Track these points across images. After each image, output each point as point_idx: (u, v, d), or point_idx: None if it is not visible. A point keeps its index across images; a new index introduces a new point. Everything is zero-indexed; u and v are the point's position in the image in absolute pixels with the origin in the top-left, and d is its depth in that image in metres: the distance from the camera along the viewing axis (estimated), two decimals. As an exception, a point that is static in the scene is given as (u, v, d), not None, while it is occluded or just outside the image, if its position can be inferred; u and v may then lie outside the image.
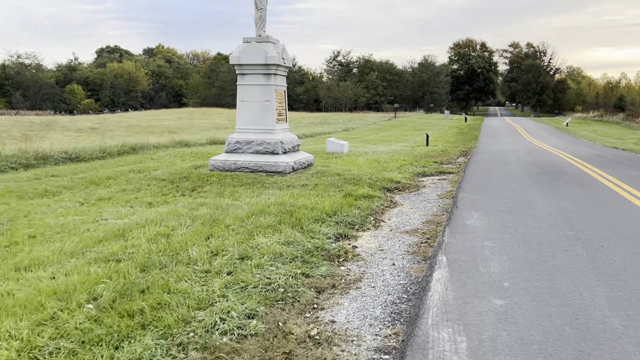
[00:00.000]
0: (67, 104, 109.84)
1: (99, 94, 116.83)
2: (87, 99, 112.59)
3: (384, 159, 15.75)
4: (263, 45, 11.67)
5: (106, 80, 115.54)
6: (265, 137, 11.72)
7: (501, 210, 8.29)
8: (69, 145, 15.39)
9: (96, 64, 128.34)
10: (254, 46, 11.61)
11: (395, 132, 36.74)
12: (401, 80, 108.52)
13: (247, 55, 11.64)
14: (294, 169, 11.66)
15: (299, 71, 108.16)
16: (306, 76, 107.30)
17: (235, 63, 11.77)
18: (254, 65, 11.68)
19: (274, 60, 11.49)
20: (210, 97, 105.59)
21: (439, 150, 20.30)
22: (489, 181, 11.79)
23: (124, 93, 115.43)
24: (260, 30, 11.91)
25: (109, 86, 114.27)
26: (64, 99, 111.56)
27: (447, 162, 16.35)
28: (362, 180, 11.14)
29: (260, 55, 11.54)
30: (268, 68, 11.64)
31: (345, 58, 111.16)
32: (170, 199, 9.22)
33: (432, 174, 13.49)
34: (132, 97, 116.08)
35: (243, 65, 11.77)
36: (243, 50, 11.68)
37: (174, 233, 6.74)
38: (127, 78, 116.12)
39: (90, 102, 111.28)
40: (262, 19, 11.89)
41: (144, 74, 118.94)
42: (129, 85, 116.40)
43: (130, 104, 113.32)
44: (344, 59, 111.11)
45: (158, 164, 13.60)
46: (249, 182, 10.50)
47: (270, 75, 11.71)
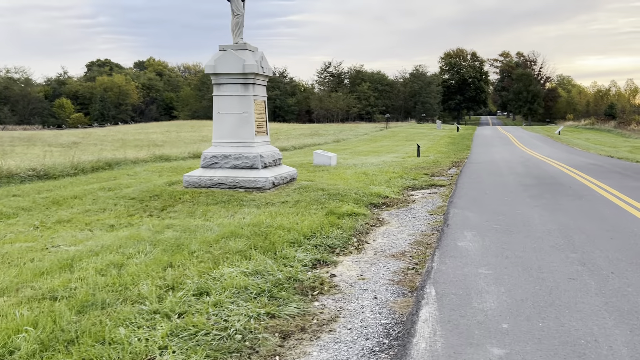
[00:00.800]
0: (56, 118, 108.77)
1: (89, 107, 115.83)
2: (76, 113, 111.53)
3: (372, 172, 15.04)
4: (240, 53, 10.96)
5: (96, 94, 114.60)
6: (243, 151, 10.98)
7: (496, 229, 7.56)
8: (44, 161, 14.58)
9: (86, 78, 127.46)
10: (230, 54, 10.91)
11: (386, 143, 36.12)
12: (393, 91, 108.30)
13: (224, 64, 10.92)
14: (274, 185, 10.91)
15: (291, 82, 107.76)
16: (298, 87, 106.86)
17: (210, 72, 11.05)
18: (231, 75, 10.97)
19: (252, 69, 10.78)
20: (201, 109, 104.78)
21: (430, 161, 19.63)
22: (482, 195, 11.09)
23: (114, 106, 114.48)
24: (238, 37, 11.21)
25: (99, 100, 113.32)
26: (52, 114, 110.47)
27: (439, 174, 15.66)
28: (347, 196, 10.40)
29: (237, 63, 10.84)
30: (246, 77, 10.93)
31: (337, 69, 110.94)
32: (136, 220, 8.45)
33: (423, 187, 12.78)
34: (122, 111, 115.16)
35: (219, 75, 11.06)
36: (219, 58, 10.97)
37: (129, 262, 5.96)
38: (117, 91, 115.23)
39: (79, 116, 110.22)
40: (239, 25, 11.20)
41: (134, 87, 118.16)
42: (119, 99, 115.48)
43: (121, 117, 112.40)
44: (335, 70, 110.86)
45: (132, 181, 12.81)
46: (224, 200, 9.74)
47: (248, 85, 10.99)
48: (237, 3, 11.12)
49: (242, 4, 11.21)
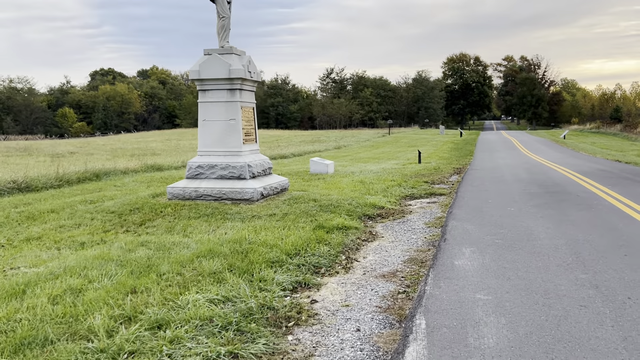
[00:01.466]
0: (59, 128, 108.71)
1: (92, 117, 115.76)
2: (79, 122, 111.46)
3: (370, 180, 14.42)
4: (226, 57, 10.40)
5: (98, 103, 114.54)
6: (230, 161, 10.39)
7: (498, 244, 6.93)
8: (27, 172, 14.03)
9: (89, 87, 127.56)
10: (215, 59, 10.34)
11: (388, 149, 35.51)
12: (395, 96, 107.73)
13: (208, 69, 10.36)
14: (263, 196, 10.31)
15: (293, 89, 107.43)
16: (300, 94, 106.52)
17: (195, 78, 10.49)
18: (217, 80, 10.40)
19: (238, 73, 10.21)
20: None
21: (432, 168, 19.00)
22: (483, 204, 10.45)
23: (117, 115, 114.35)
24: (224, 40, 10.65)
25: (101, 109, 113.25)
26: (55, 123, 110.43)
27: (439, 181, 15.02)
28: (340, 207, 9.79)
29: (222, 68, 10.27)
30: (232, 83, 10.36)
31: (339, 75, 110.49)
32: (111, 236, 7.86)
33: (422, 196, 12.15)
34: (125, 119, 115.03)
35: (204, 81, 10.49)
36: (203, 63, 10.41)
37: (89, 287, 5.37)
38: (120, 100, 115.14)
39: (82, 125, 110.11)
40: (224, 28, 10.64)
41: (136, 95, 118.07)
42: (121, 108, 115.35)
43: (123, 126, 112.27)
44: (337, 76, 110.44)
45: (117, 192, 12.24)
46: (208, 213, 9.14)
47: (235, 90, 10.41)
48: (222, 5, 10.56)
49: (227, 6, 10.66)
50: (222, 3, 10.57)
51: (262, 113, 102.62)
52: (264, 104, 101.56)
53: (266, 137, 52.16)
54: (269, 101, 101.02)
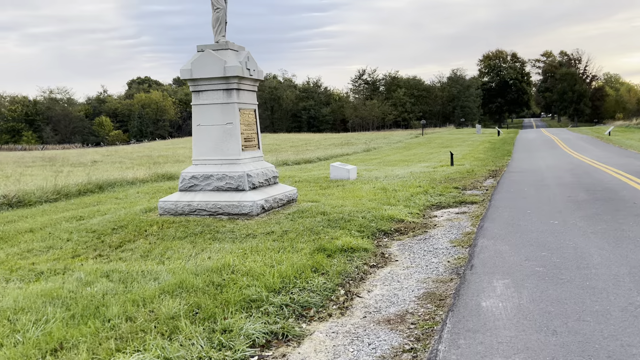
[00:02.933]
0: (96, 136, 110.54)
1: (128, 124, 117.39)
2: (115, 130, 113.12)
3: (393, 186, 13.01)
4: (221, 53, 9.20)
5: (134, 111, 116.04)
6: (227, 170, 9.17)
7: (539, 273, 5.46)
8: (20, 186, 13.18)
9: (125, 96, 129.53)
10: (209, 55, 9.15)
11: (420, 151, 33.88)
12: (430, 96, 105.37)
13: (201, 67, 9.17)
14: (264, 209, 9.05)
15: (325, 92, 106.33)
16: (332, 97, 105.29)
17: (187, 78, 9.32)
18: (210, 80, 9.21)
19: (234, 71, 8.99)
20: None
21: (465, 170, 17.41)
22: (521, 216, 8.92)
23: (152, 122, 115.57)
24: (219, 35, 9.46)
25: (137, 116, 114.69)
26: (92, 132, 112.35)
27: (472, 186, 13.48)
28: (352, 222, 8.45)
29: (217, 66, 9.07)
30: (228, 82, 9.14)
31: (371, 76, 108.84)
32: (76, 264, 6.72)
33: (450, 206, 10.69)
34: (160, 127, 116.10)
35: (197, 81, 9.31)
36: (196, 61, 9.23)
37: (5, 342, 4.20)
38: (155, 108, 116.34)
39: (118, 134, 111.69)
40: (219, 21, 9.44)
41: (171, 102, 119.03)
42: (156, 115, 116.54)
43: (159, 133, 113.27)
44: (369, 77, 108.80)
45: (112, 207, 11.20)
46: (196, 232, 7.94)
47: (231, 90, 9.20)
48: (216, -5, 9.38)
49: (222, -5, 9.46)
50: (217, -7, 9.38)
51: (294, 117, 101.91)
52: (296, 107, 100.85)
53: (295, 141, 51.10)
54: (301, 104, 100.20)
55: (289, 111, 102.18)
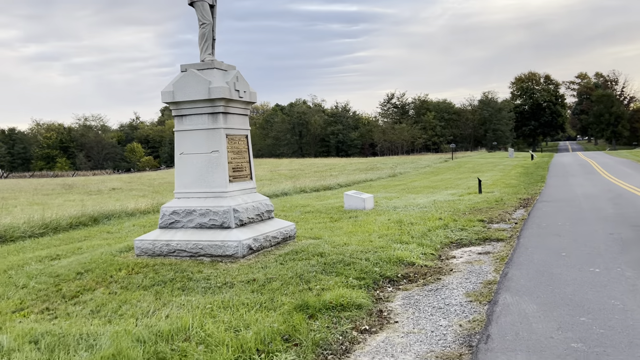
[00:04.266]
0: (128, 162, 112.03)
1: (159, 150, 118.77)
2: (146, 157, 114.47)
3: (411, 219, 11.69)
4: (206, 73, 8.16)
5: (165, 137, 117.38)
6: (211, 204, 8.05)
7: (576, 354, 4.09)
8: (3, 220, 12.33)
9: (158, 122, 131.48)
10: (192, 75, 8.12)
11: (448, 176, 32.37)
12: (460, 119, 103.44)
13: (184, 89, 8.15)
14: (252, 250, 7.86)
15: (354, 116, 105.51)
16: (361, 121, 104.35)
17: (169, 101, 8.30)
18: (194, 103, 8.17)
19: (220, 92, 7.92)
20: (265, 147, 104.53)
21: (494, 199, 15.93)
22: (554, 260, 7.51)
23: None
24: (205, 53, 8.44)
25: (168, 142, 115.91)
26: (124, 158, 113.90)
27: (499, 219, 12.05)
28: (352, 265, 7.21)
29: (200, 87, 8.03)
30: (214, 105, 8.08)
31: (400, 100, 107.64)
32: (13, 321, 5.65)
33: (472, 243, 9.32)
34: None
35: (180, 104, 8.28)
36: (178, 82, 8.22)
37: None
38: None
39: (149, 159, 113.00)
40: (205, 37, 8.44)
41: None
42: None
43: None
44: (398, 101, 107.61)
45: (97, 243, 10.21)
46: (167, 280, 6.79)
47: (217, 114, 8.13)
48: (202, 9, 8.39)
49: (209, 10, 8.47)
50: (202, 7, 8.40)
51: (322, 141, 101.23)
52: (324, 132, 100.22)
53: (320, 167, 50.04)
54: (329, 129, 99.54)
55: (317, 136, 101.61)
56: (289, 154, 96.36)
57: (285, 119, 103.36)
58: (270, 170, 46.71)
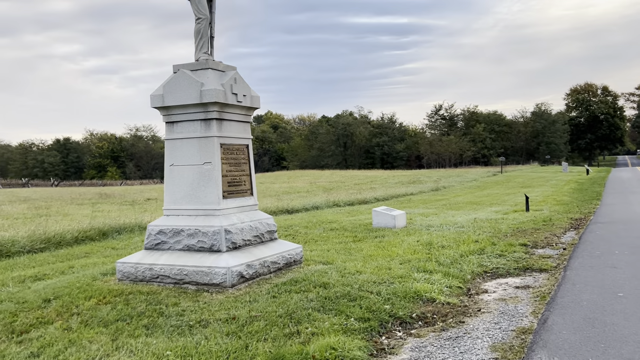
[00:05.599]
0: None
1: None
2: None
3: (443, 241, 10.37)
4: (199, 74, 7.19)
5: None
6: (201, 224, 7.02)
7: None
8: (4, 233, 11.75)
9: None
10: (183, 77, 7.16)
11: (495, 191, 30.52)
12: (512, 131, 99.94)
13: (174, 92, 7.19)
14: (244, 278, 6.77)
15: (400, 128, 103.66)
16: (407, 133, 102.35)
17: (158, 106, 7.36)
18: (185, 107, 7.20)
19: (213, 95, 6.92)
20: (309, 159, 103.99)
21: (541, 219, 14.33)
22: (608, 303, 6.08)
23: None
24: (200, 52, 7.47)
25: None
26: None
27: (545, 243, 10.56)
28: (359, 300, 6.03)
29: (192, 89, 7.05)
30: (206, 110, 7.09)
31: (448, 111, 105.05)
32: (-62, 362, 4.74)
33: (509, 273, 7.94)
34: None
35: (170, 109, 7.33)
36: (168, 84, 7.27)
37: None
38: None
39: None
40: (201, 34, 7.48)
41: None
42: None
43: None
44: (446, 113, 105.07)
45: (92, 262, 9.38)
46: (134, 314, 5.77)
47: (210, 121, 7.12)
48: (197, 2, 7.44)
49: (205, 4, 7.51)
50: (198, 0, 7.45)
51: (367, 153, 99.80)
52: (369, 143, 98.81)
53: (362, 179, 48.73)
54: (374, 140, 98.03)
55: (361, 147, 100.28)
56: (332, 166, 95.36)
57: (330, 130, 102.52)
58: (310, 182, 45.76)
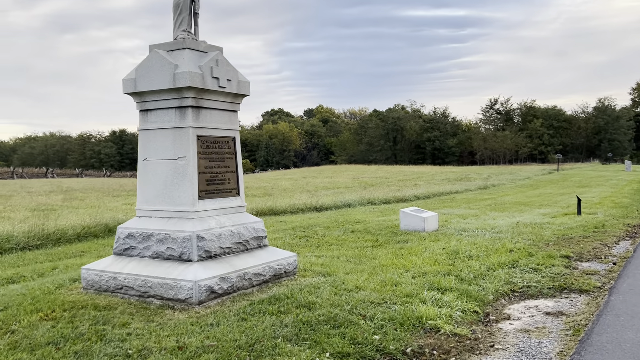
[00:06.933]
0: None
1: (256, 154, 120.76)
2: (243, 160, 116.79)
3: (471, 250, 9.07)
4: (175, 55, 6.23)
5: (262, 141, 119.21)
6: (172, 228, 6.07)
7: None
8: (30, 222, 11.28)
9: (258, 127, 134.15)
10: (156, 58, 6.22)
11: (548, 190, 28.49)
12: (571, 127, 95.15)
13: (147, 75, 6.27)
14: (215, 293, 5.77)
15: (452, 122, 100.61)
16: (460, 128, 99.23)
17: (130, 91, 6.46)
18: (158, 93, 6.26)
19: (187, 79, 5.93)
20: (357, 153, 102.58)
21: (593, 224, 12.70)
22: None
23: (278, 152, 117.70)
24: (179, 30, 6.51)
25: (264, 147, 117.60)
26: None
27: (593, 255, 9.08)
28: (345, 328, 4.94)
29: (165, 72, 6.10)
30: (181, 96, 6.12)
31: (504, 106, 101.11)
32: None
33: (541, 294, 6.62)
34: (285, 157, 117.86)
35: (143, 95, 6.42)
36: (140, 66, 6.36)
37: None
38: (282, 138, 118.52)
39: (245, 163, 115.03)
40: (180, 8, 6.51)
41: (296, 133, 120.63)
42: (282, 145, 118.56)
43: (284, 162, 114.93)
44: (502, 107, 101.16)
45: (79, 262, 8.66)
46: (72, 337, 4.88)
47: (185, 109, 6.16)
48: (177, -29, 6.48)
49: (187, -27, 6.54)
50: (178, -31, 6.49)
51: (418, 148, 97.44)
52: (420, 138, 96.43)
53: (408, 174, 47.11)
54: (425, 135, 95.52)
55: (412, 142, 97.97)
56: (381, 161, 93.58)
57: (379, 124, 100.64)
58: (353, 178, 44.54)
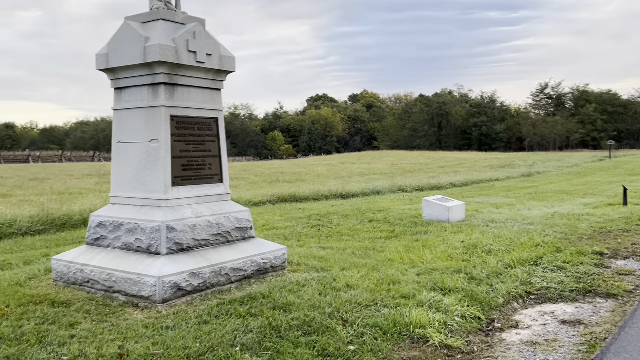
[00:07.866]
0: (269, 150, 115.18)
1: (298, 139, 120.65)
2: (285, 145, 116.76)
3: (492, 244, 8.23)
4: (148, 27, 5.65)
5: (304, 126, 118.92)
6: (142, 217, 5.54)
7: None
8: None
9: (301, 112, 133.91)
10: (127, 30, 5.66)
11: (596, 178, 26.83)
12: (627, 112, 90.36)
13: (118, 49, 5.72)
14: (183, 290, 5.21)
15: (500, 107, 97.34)
16: (508, 112, 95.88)
17: (103, 67, 5.93)
18: (130, 69, 5.71)
19: (157, 53, 5.35)
20: (401, 139, 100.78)
21: (638, 216, 11.54)
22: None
23: (320, 138, 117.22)
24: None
25: (306, 132, 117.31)
26: (265, 145, 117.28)
27: (630, 251, 8.08)
28: (318, 335, 4.36)
29: (135, 45, 5.53)
30: (152, 72, 5.55)
31: (555, 90, 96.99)
32: None
33: (561, 297, 5.77)
34: (327, 142, 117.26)
35: (116, 71, 5.88)
36: (113, 40, 5.81)
37: None
38: (324, 123, 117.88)
39: (288, 148, 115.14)
40: (155, -25, 5.90)
41: (339, 119, 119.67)
42: (325, 131, 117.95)
43: (326, 148, 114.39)
44: (553, 91, 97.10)
45: (64, 250, 8.31)
46: (13, 337, 4.45)
47: (157, 86, 5.58)
48: None
49: None
50: None
51: (464, 133, 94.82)
52: (466, 123, 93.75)
53: (450, 160, 45.65)
54: (471, 120, 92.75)
55: (457, 127, 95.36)
56: (425, 146, 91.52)
57: (424, 109, 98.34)
58: (391, 164, 43.48)
